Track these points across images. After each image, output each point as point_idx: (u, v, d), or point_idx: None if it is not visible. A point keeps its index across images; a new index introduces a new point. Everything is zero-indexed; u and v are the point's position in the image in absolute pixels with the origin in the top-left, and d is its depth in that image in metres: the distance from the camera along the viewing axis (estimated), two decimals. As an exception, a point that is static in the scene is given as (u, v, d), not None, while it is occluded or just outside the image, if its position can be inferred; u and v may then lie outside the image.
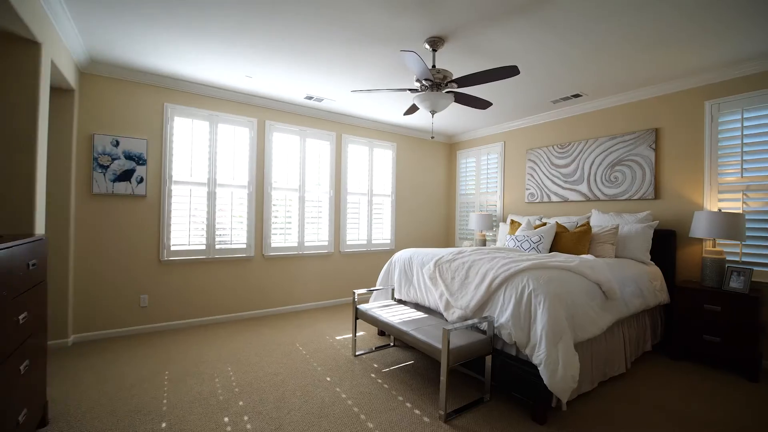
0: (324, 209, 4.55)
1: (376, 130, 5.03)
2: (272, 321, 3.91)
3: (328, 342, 3.28)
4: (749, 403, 2.32)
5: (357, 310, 3.00)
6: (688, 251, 3.28)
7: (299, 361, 2.85)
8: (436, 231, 5.71)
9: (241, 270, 3.97)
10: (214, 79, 3.52)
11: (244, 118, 3.96)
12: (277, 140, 4.20)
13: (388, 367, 2.78)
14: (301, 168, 4.34)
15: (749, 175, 2.94)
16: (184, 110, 3.64)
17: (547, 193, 4.39)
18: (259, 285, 4.09)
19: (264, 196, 4.09)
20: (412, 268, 3.16)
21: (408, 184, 5.36)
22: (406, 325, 2.53)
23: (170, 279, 3.58)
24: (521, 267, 2.35)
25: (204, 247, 3.73)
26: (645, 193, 3.54)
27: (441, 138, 5.70)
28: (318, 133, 4.49)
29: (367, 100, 4.07)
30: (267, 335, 3.44)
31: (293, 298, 4.33)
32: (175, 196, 3.59)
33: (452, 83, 2.61)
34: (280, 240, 4.22)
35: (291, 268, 4.31)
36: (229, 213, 3.88)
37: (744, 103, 2.97)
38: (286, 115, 4.26)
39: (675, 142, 3.37)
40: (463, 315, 2.51)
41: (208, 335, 3.42)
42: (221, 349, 3.06)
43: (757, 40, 2.58)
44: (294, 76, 3.43)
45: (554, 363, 1.97)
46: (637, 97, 3.59)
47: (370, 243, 4.96)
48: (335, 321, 3.94)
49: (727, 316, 2.74)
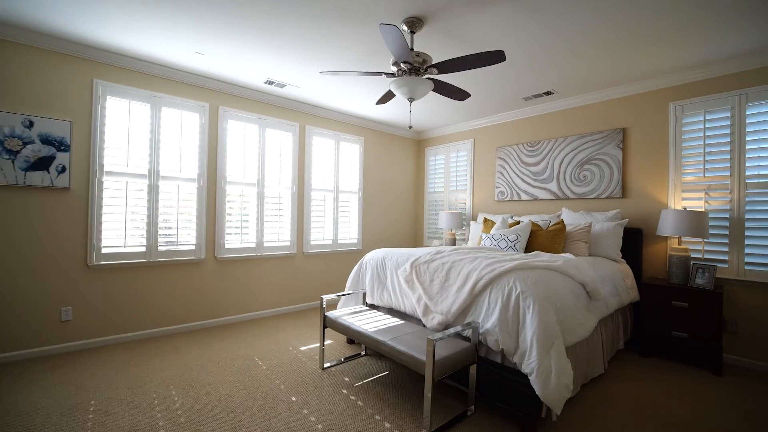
0: (286, 206, 4.17)
1: (343, 122, 4.72)
2: (226, 331, 3.47)
3: (291, 354, 2.94)
4: (721, 398, 2.34)
5: (325, 318, 2.70)
6: (653, 249, 3.35)
7: (259, 378, 2.50)
8: (404, 230, 5.52)
9: (190, 274, 3.49)
10: (158, 53, 3.03)
11: (193, 101, 3.49)
12: (233, 129, 3.77)
13: (361, 380, 2.51)
14: (260, 161, 3.94)
15: (711, 175, 3.03)
16: (120, 89, 3.11)
17: (517, 191, 4.36)
18: (211, 291, 3.63)
19: (217, 190, 3.64)
20: (386, 269, 2.91)
21: (376, 181, 5.12)
22: (383, 334, 2.28)
23: (101, 287, 3.04)
24: (506, 267, 2.19)
25: (144, 249, 3.22)
26: (613, 192, 3.58)
27: (409, 134, 5.52)
28: (279, 123, 4.11)
29: (335, 89, 3.77)
30: (220, 349, 3.03)
31: (251, 304, 3.92)
32: (107, 190, 3.05)
33: (432, 68, 2.40)
34: (236, 240, 3.79)
35: (248, 271, 3.89)
36: (175, 209, 3.40)
37: (706, 105, 3.06)
38: (243, 101, 3.83)
39: (641, 141, 3.43)
40: (444, 321, 2.31)
41: (148, 352, 2.94)
42: (164, 369, 2.62)
43: (720, 44, 2.64)
44: (252, 56, 3.04)
45: (547, 371, 1.82)
46: (606, 97, 3.63)
47: (336, 243, 4.65)
48: (299, 329, 3.59)
49: (694, 312, 2.80)
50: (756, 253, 2.82)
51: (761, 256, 2.79)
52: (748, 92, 2.86)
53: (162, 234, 3.32)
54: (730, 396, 2.38)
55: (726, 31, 2.50)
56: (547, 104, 4.05)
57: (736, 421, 2.08)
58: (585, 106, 3.81)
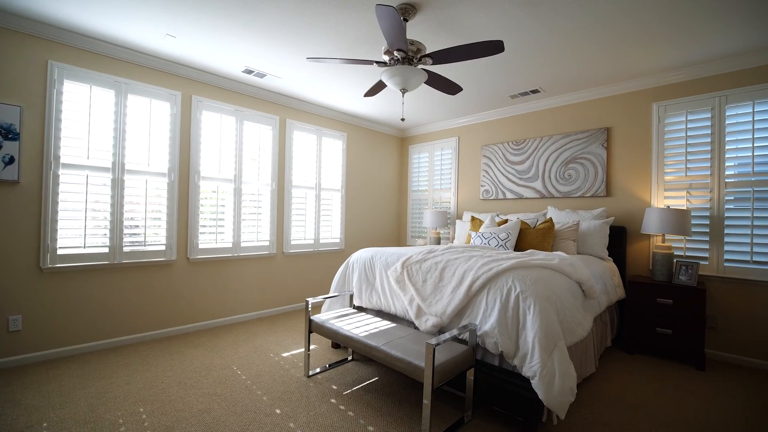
0: (265, 204, 3.95)
1: (326, 117, 4.54)
2: (201, 339, 3.22)
3: (273, 361, 2.75)
4: (710, 394, 2.37)
5: (311, 322, 2.53)
6: (636, 247, 3.39)
7: (238, 389, 2.29)
8: (387, 229, 5.40)
9: (159, 277, 3.21)
10: (123, 34, 2.75)
11: (164, 89, 3.21)
12: (208, 120, 3.51)
13: (350, 387, 2.36)
14: (237, 155, 3.70)
15: (692, 174, 3.10)
16: (79, 73, 2.80)
17: (502, 189, 4.33)
18: (183, 295, 3.36)
19: (190, 186, 3.37)
20: (375, 270, 2.78)
21: (359, 179, 4.97)
22: (374, 338, 2.14)
23: (56, 292, 2.72)
24: (504, 267, 2.11)
25: (107, 250, 2.92)
26: (597, 191, 3.60)
27: (392, 131, 5.41)
28: (258, 116, 3.88)
29: (318, 81, 3.59)
30: (194, 357, 2.79)
31: (227, 308, 3.67)
32: (64, 184, 2.74)
33: (426, 58, 2.28)
34: (210, 240, 3.53)
35: (224, 272, 3.64)
36: (143, 206, 3.11)
37: (688, 106, 3.12)
38: (219, 90, 3.58)
39: (625, 141, 3.48)
40: (439, 323, 2.20)
41: (112, 364, 2.66)
42: (130, 383, 2.36)
43: (702, 46, 2.70)
44: (230, 42, 2.82)
45: (550, 375, 1.74)
46: (591, 96, 3.66)
47: (318, 243, 4.46)
48: (280, 334, 3.39)
49: (678, 309, 2.84)
50: (735, 250, 2.89)
51: (740, 253, 2.87)
52: (727, 94, 2.94)
53: (128, 233, 3.03)
54: (717, 390, 2.41)
55: (708, 35, 2.55)
56: (533, 102, 4.04)
57: (730, 416, 2.10)
58: (570, 105, 3.83)
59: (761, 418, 2.08)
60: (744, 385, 2.51)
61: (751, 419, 2.08)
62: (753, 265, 2.82)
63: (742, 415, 2.11)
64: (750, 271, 2.83)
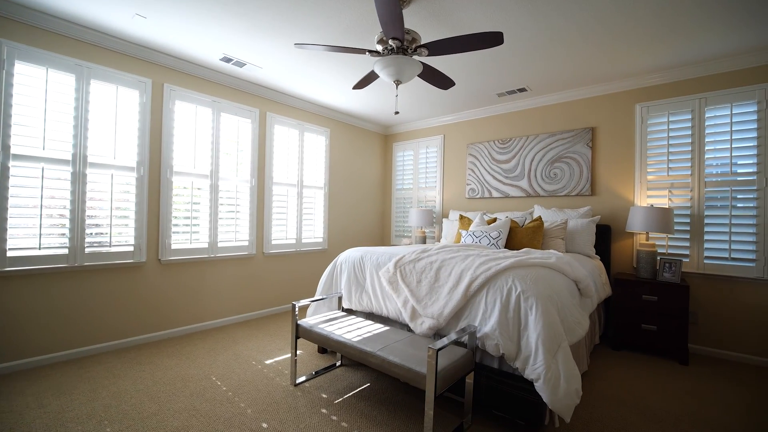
0: (244, 201, 3.73)
1: (308, 111, 4.36)
2: (175, 346, 2.98)
3: (256, 369, 2.56)
4: (694, 389, 2.41)
5: (298, 327, 2.38)
6: (620, 245, 3.45)
7: (219, 402, 2.11)
8: (371, 229, 5.28)
9: (127, 281, 2.94)
10: (85, 12, 2.48)
11: (132, 76, 2.94)
12: (182, 111, 3.26)
13: (341, 395, 2.22)
14: (214, 149, 3.46)
15: (674, 174, 3.18)
16: (34, 53, 2.50)
17: (488, 188, 4.31)
18: (155, 299, 3.10)
19: (161, 181, 3.12)
20: (365, 270, 2.65)
21: (342, 176, 4.81)
22: (369, 343, 2.02)
23: (6, 299, 2.42)
24: (503, 266, 2.05)
25: (66, 252, 2.63)
26: (582, 190, 3.64)
27: (376, 128, 5.29)
28: (237, 108, 3.65)
29: (301, 73, 3.41)
30: (168, 368, 2.56)
31: (203, 313, 3.42)
32: (15, 177, 2.44)
33: (422, 49, 2.18)
34: (184, 240, 3.28)
35: (199, 275, 3.39)
36: (108, 203, 2.84)
37: (669, 107, 3.20)
38: (194, 79, 3.33)
39: (609, 141, 3.53)
40: (435, 325, 2.11)
41: (72, 378, 2.39)
42: (94, 399, 2.12)
43: (684, 49, 2.77)
44: (207, 26, 2.61)
45: (555, 377, 1.68)
46: (577, 96, 3.69)
47: (300, 243, 4.28)
48: (262, 339, 3.19)
49: (662, 305, 2.89)
50: (714, 247, 2.98)
51: (719, 251, 2.96)
52: (707, 96, 3.03)
53: (90, 233, 2.75)
54: (702, 385, 2.45)
55: (691, 37, 2.61)
56: (519, 101, 4.04)
57: (719, 410, 2.13)
58: (556, 104, 3.85)
59: (748, 411, 2.13)
60: (726, 378, 2.58)
61: (739, 412, 2.11)
62: (731, 262, 2.91)
63: (731, 409, 2.15)
64: (728, 267, 2.92)
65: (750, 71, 2.87)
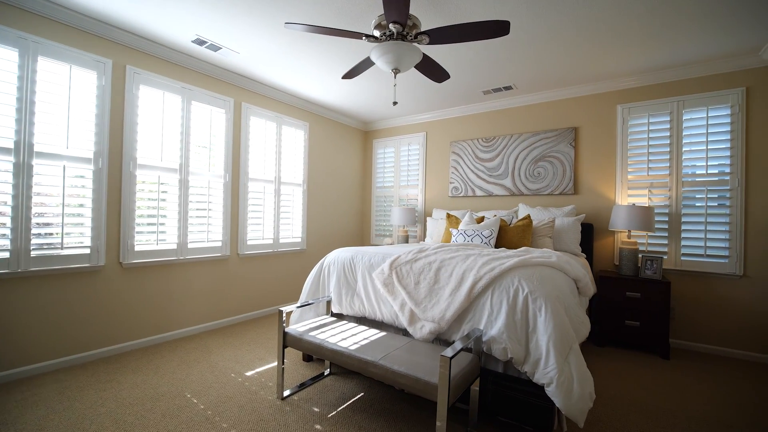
0: (217, 199, 3.43)
1: (287, 104, 4.11)
2: (140, 360, 2.66)
3: (236, 383, 2.33)
4: (679, 383, 2.46)
5: (286, 336, 2.18)
6: (602, 243, 3.52)
7: (197, 423, 1.87)
8: (350, 228, 5.10)
9: (83, 286, 2.59)
10: (31, -24, 2.13)
11: (89, 55, 2.59)
12: (147, 97, 2.93)
13: (334, 408, 2.05)
14: (183, 141, 3.15)
15: (653, 174, 3.27)
16: (-36, 21, 2.12)
17: (471, 187, 4.28)
18: (116, 307, 2.76)
19: (123, 175, 2.78)
20: (356, 272, 2.49)
21: (321, 173, 4.60)
22: (368, 351, 1.86)
23: (-72, 313, 2.02)
24: (507, 265, 1.97)
25: (8, 255, 2.26)
26: (566, 189, 3.68)
27: (356, 124, 5.11)
28: (210, 97, 3.35)
29: (281, 61, 3.18)
30: (134, 385, 2.26)
31: (172, 321, 3.10)
32: (-60, 168, 2.05)
33: (423, 36, 2.06)
34: (150, 241, 2.96)
35: (167, 279, 3.07)
36: (59, 200, 2.47)
37: (649, 109, 3.29)
38: (162, 63, 3.01)
39: (591, 141, 3.59)
40: (437, 329, 1.99)
41: (17, 403, 2.04)
42: (44, 427, 1.81)
43: (664, 52, 2.85)
44: (178, 3, 2.34)
45: (568, 381, 1.62)
46: (560, 96, 3.73)
47: (278, 243, 4.03)
48: (239, 348, 2.94)
49: (645, 302, 2.96)
50: (691, 245, 3.10)
51: (695, 248, 3.08)
52: (684, 99, 3.14)
53: (37, 233, 2.38)
54: (686, 378, 2.52)
55: (670, 43, 2.70)
56: (504, 100, 4.03)
57: (710, 404, 2.18)
58: (541, 103, 3.87)
59: (733, 403, 2.19)
60: (706, 371, 2.67)
61: (726, 405, 2.17)
62: (706, 259, 3.04)
63: (721, 402, 2.21)
64: (704, 264, 3.05)
65: (724, 76, 3.00)
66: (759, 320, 2.86)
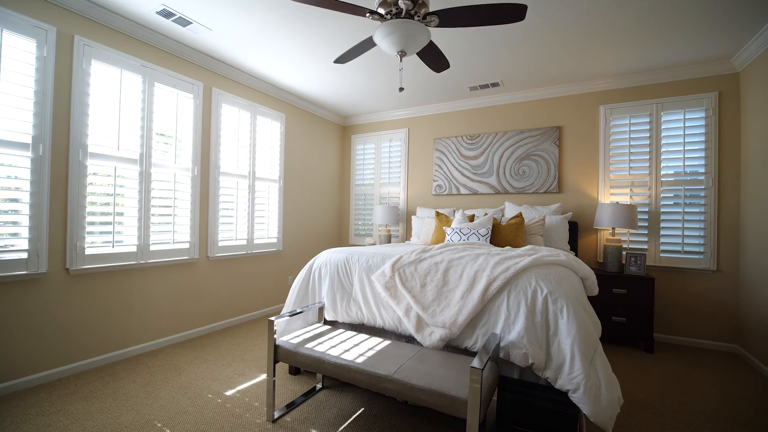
0: (184, 195, 3.05)
1: (262, 92, 3.78)
2: (94, 384, 2.25)
3: (215, 405, 2.02)
4: (667, 376, 2.51)
5: (277, 349, 1.91)
6: (585, 241, 3.57)
7: (175, 459, 1.57)
8: (328, 227, 4.83)
9: (19, 299, 2.14)
10: None
11: (26, 20, 2.15)
12: (100, 75, 2.51)
13: (335, 428, 1.83)
14: (145, 128, 2.74)
15: (634, 173, 3.36)
16: None
17: (455, 185, 4.20)
18: (62, 321, 2.32)
19: (70, 166, 2.35)
20: (352, 275, 2.28)
21: (298, 169, 4.30)
22: (377, 364, 1.66)
23: None
24: (522, 265, 1.86)
25: None
26: (550, 187, 3.70)
27: (334, 118, 4.86)
28: (175, 79, 2.96)
29: (259, 43, 2.88)
30: (88, 416, 1.88)
31: (131, 335, 2.69)
32: None
33: (432, 17, 1.89)
34: (104, 242, 2.54)
35: (125, 286, 2.66)
36: (-14, 193, 2.02)
37: (630, 110, 3.38)
38: (118, 35, 2.59)
39: (575, 140, 3.63)
40: (448, 335, 1.84)
41: (-73, 449, 1.61)
42: (-31, 481, 1.42)
43: (645, 56, 2.94)
44: (149, -40, 1.99)
45: (596, 386, 1.53)
46: (546, 95, 3.74)
47: (252, 244, 3.68)
48: (213, 363, 2.60)
49: (630, 298, 3.02)
50: (669, 242, 3.21)
51: (673, 245, 3.20)
52: (663, 102, 3.25)
53: (-43, 234, 1.92)
54: (673, 372, 2.58)
55: (651, 46, 2.78)
56: (490, 97, 3.98)
57: (704, 397, 2.21)
58: (526, 102, 3.87)
59: (725, 396, 2.25)
60: (689, 363, 2.75)
61: (719, 396, 2.22)
62: (684, 255, 3.16)
63: (712, 395, 2.26)
64: (682, 260, 3.17)
65: (699, 81, 3.14)
66: (730, 312, 3.02)
